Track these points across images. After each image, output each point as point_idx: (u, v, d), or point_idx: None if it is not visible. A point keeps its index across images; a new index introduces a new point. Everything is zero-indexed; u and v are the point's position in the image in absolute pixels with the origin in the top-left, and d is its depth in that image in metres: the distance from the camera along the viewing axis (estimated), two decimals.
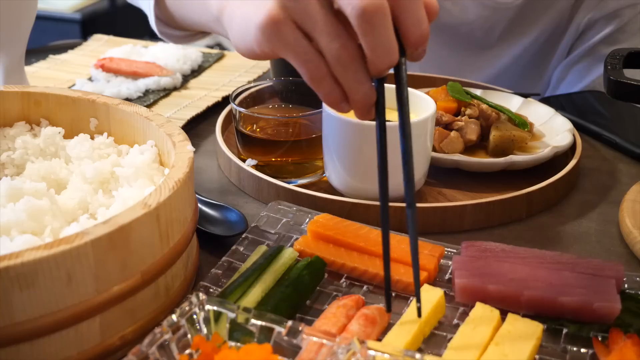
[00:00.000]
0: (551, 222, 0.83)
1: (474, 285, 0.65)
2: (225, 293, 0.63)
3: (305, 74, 0.60)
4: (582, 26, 1.25)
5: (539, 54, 1.29)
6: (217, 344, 0.55)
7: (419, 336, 0.61)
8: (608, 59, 0.87)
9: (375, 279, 0.69)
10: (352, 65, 0.58)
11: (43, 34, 1.96)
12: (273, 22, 0.58)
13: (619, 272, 0.67)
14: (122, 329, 0.59)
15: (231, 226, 0.77)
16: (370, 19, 0.55)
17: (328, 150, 0.83)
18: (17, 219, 0.60)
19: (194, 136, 1.02)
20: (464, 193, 0.87)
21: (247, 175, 0.87)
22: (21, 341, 0.53)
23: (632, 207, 0.82)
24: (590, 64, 1.25)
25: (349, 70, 0.58)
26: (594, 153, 1.00)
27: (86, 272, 0.54)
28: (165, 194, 0.59)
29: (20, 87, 0.79)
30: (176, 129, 0.71)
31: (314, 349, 0.54)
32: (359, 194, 0.81)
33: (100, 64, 1.15)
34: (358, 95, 0.60)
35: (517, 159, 0.88)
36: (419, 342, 0.61)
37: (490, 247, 0.71)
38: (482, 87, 1.10)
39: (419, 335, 0.61)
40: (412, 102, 0.86)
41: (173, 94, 1.13)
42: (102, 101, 0.77)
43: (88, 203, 0.67)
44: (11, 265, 0.51)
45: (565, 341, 0.62)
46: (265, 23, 0.59)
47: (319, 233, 0.72)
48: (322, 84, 0.60)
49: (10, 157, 0.75)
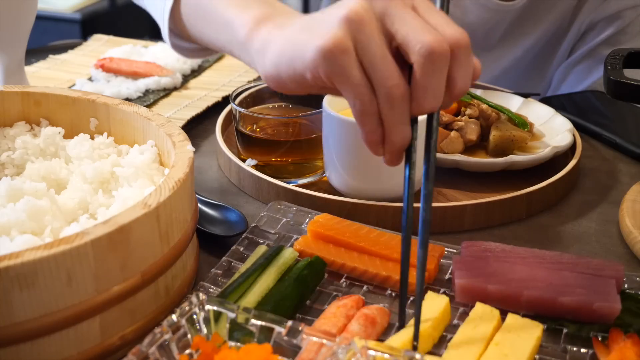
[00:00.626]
0: (551, 222, 0.83)
1: (474, 285, 0.65)
2: (225, 293, 0.63)
3: (356, 106, 0.59)
4: (583, 28, 1.25)
5: (540, 55, 1.29)
6: (217, 344, 0.55)
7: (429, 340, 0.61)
8: (608, 59, 0.87)
9: (375, 279, 0.69)
10: (400, 106, 0.57)
11: (43, 34, 1.96)
12: (338, 48, 0.57)
13: (619, 272, 0.67)
14: (122, 329, 0.59)
15: (231, 226, 0.77)
16: (435, 61, 0.55)
17: (328, 150, 0.83)
18: (17, 219, 0.60)
19: (194, 136, 1.02)
20: (464, 193, 0.87)
21: (247, 175, 0.87)
22: (21, 341, 0.53)
23: (632, 207, 0.82)
24: (591, 65, 1.25)
25: (397, 110, 0.58)
26: (594, 153, 1.00)
27: (86, 272, 0.54)
28: (165, 194, 0.59)
29: (20, 87, 0.79)
30: (176, 129, 0.71)
31: (314, 349, 0.54)
32: (359, 194, 0.81)
33: (100, 64, 1.15)
34: (398, 137, 0.59)
35: (517, 159, 0.88)
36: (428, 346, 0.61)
37: (490, 247, 0.71)
38: (482, 87, 1.11)
39: (428, 339, 0.61)
40: None
41: (173, 94, 1.13)
42: (102, 101, 0.77)
43: (88, 203, 0.67)
44: (11, 265, 0.51)
45: (565, 341, 0.62)
46: (330, 48, 0.57)
47: (319, 233, 0.72)
48: (369, 120, 0.59)
49: (10, 157, 0.75)
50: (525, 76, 1.31)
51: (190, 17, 0.82)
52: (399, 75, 0.57)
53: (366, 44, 0.57)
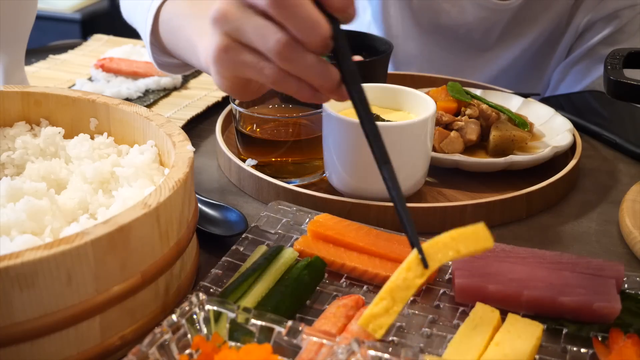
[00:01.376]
0: (551, 222, 0.83)
1: (474, 285, 0.65)
2: (225, 293, 0.63)
3: (267, 81, 0.62)
4: (581, 27, 1.25)
5: (538, 55, 1.29)
6: (217, 344, 0.55)
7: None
8: (608, 59, 0.87)
9: (375, 279, 0.69)
10: (294, 54, 0.59)
11: (43, 34, 1.96)
12: (221, 51, 0.62)
13: (619, 272, 0.67)
14: (122, 329, 0.59)
15: (231, 226, 0.77)
16: (281, 3, 0.57)
17: (328, 150, 0.83)
18: (17, 219, 0.60)
19: (194, 136, 1.02)
20: (464, 193, 0.87)
21: (247, 175, 0.87)
22: (21, 341, 0.53)
23: (632, 207, 0.82)
24: (589, 65, 1.25)
25: (294, 60, 0.59)
26: (594, 153, 1.00)
27: (86, 272, 0.54)
28: (165, 194, 0.59)
29: (20, 87, 0.79)
30: (176, 129, 0.71)
31: (314, 349, 0.54)
32: (359, 194, 0.81)
33: (100, 64, 1.15)
34: (316, 78, 0.60)
35: (517, 159, 0.88)
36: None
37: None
38: (482, 87, 1.11)
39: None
40: (412, 102, 0.86)
41: (173, 94, 1.13)
42: (102, 101, 0.77)
43: (88, 203, 0.67)
44: (11, 265, 0.51)
45: (565, 341, 0.62)
46: (215, 56, 0.62)
47: (319, 233, 0.72)
48: (285, 84, 0.62)
49: (10, 157, 0.75)
50: (523, 76, 1.31)
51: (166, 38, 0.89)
52: (274, 30, 0.58)
53: (236, 28, 0.60)
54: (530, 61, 1.30)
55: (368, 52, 1.06)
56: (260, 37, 0.59)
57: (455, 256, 0.58)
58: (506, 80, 1.30)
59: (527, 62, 1.30)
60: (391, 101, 0.88)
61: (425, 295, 0.67)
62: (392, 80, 1.04)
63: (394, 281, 0.58)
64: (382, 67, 1.03)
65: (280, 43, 0.58)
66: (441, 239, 0.58)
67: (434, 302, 0.67)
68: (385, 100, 0.88)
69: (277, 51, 0.59)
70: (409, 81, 1.09)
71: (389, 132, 0.78)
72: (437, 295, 0.67)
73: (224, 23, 0.61)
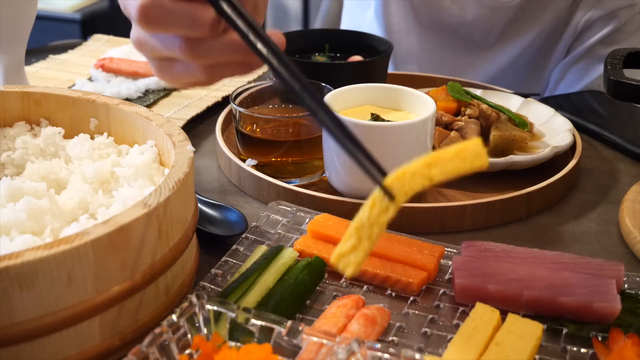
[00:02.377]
0: (551, 222, 0.83)
1: (474, 285, 0.65)
2: (225, 293, 0.63)
3: (206, 82, 0.60)
4: (580, 26, 1.26)
5: (537, 54, 1.29)
6: (217, 344, 0.55)
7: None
8: (608, 59, 0.87)
9: (375, 279, 0.69)
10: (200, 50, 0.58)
11: (43, 34, 1.96)
12: (156, 71, 0.62)
13: (619, 272, 0.67)
14: (122, 329, 0.59)
15: (231, 226, 0.77)
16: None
17: (328, 150, 0.83)
18: (17, 219, 0.60)
19: (194, 136, 1.02)
20: (464, 193, 0.87)
21: (247, 175, 0.87)
22: (21, 341, 0.53)
23: (632, 207, 0.82)
24: (588, 65, 1.25)
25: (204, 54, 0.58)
26: (594, 153, 1.00)
27: (86, 272, 0.54)
28: (165, 194, 0.59)
29: (20, 87, 0.79)
30: (176, 129, 0.71)
31: (314, 349, 0.54)
32: (359, 194, 0.81)
33: (100, 64, 1.15)
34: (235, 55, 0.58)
35: (517, 159, 0.88)
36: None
37: (490, 247, 0.71)
38: (482, 87, 1.11)
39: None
40: (412, 102, 0.86)
41: (173, 94, 1.13)
42: (102, 101, 0.77)
43: (88, 203, 0.67)
44: (11, 265, 0.51)
45: (565, 341, 0.62)
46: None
47: (319, 233, 0.72)
48: (219, 74, 0.60)
49: (10, 157, 0.75)
50: (522, 75, 1.31)
51: None
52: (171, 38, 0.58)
53: (153, 49, 0.60)
54: (529, 60, 1.30)
55: (368, 52, 1.07)
56: (168, 49, 0.59)
57: (428, 183, 0.53)
58: (506, 78, 1.30)
59: (527, 61, 1.30)
60: (391, 101, 0.88)
61: (425, 295, 0.68)
62: (392, 80, 1.04)
63: (358, 219, 0.55)
64: (382, 67, 1.03)
65: (182, 49, 0.58)
66: (410, 167, 0.54)
67: (434, 302, 0.67)
68: (385, 100, 0.88)
69: (186, 55, 0.58)
70: (408, 81, 1.09)
71: (389, 132, 0.78)
72: (437, 295, 0.67)
73: (142, 50, 0.61)
